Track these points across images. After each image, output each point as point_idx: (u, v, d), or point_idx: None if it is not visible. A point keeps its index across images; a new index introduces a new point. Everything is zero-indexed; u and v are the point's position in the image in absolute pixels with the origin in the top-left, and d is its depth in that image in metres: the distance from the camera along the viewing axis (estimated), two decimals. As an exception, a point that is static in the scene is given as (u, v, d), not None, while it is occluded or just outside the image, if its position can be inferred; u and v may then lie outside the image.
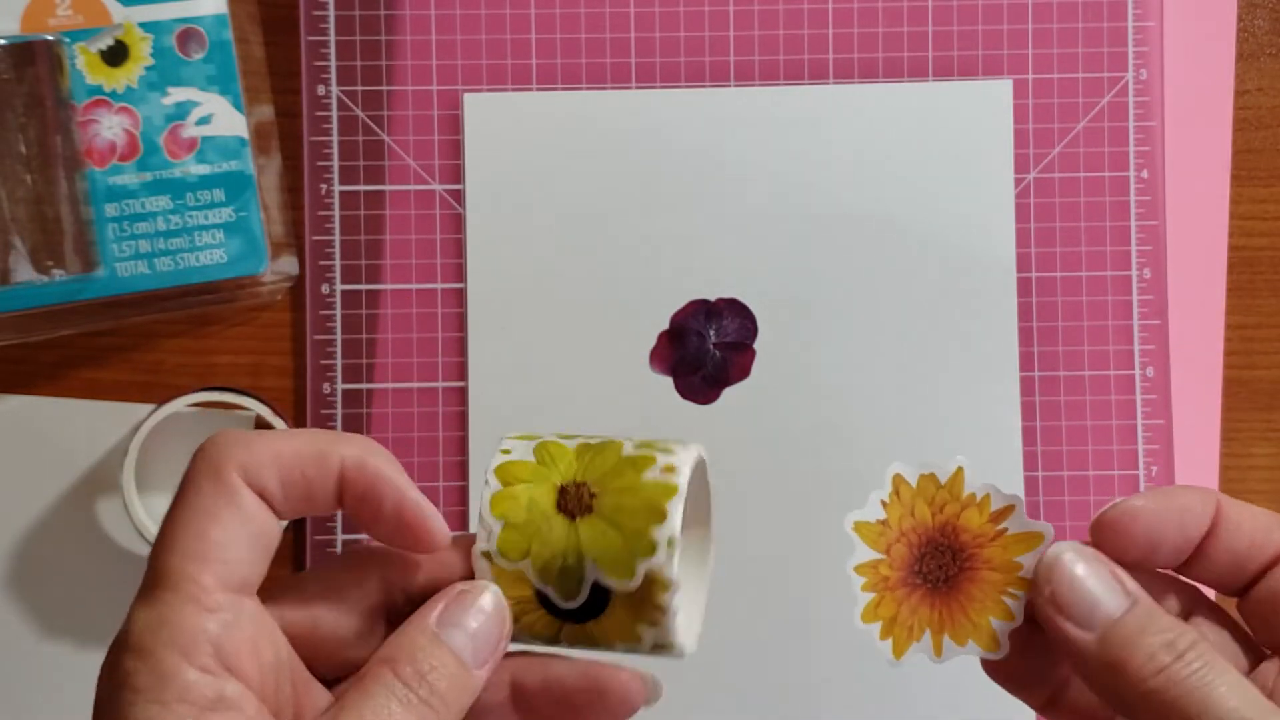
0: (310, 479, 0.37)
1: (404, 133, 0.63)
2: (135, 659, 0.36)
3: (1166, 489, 0.39)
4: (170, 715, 0.35)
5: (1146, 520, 0.39)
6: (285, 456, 0.37)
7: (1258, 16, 0.65)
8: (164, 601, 0.35)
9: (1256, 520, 0.39)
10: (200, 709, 0.34)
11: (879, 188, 0.64)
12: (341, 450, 0.38)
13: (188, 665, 0.35)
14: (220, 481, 0.37)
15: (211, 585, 0.36)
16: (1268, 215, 0.65)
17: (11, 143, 0.58)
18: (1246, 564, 0.39)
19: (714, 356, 0.63)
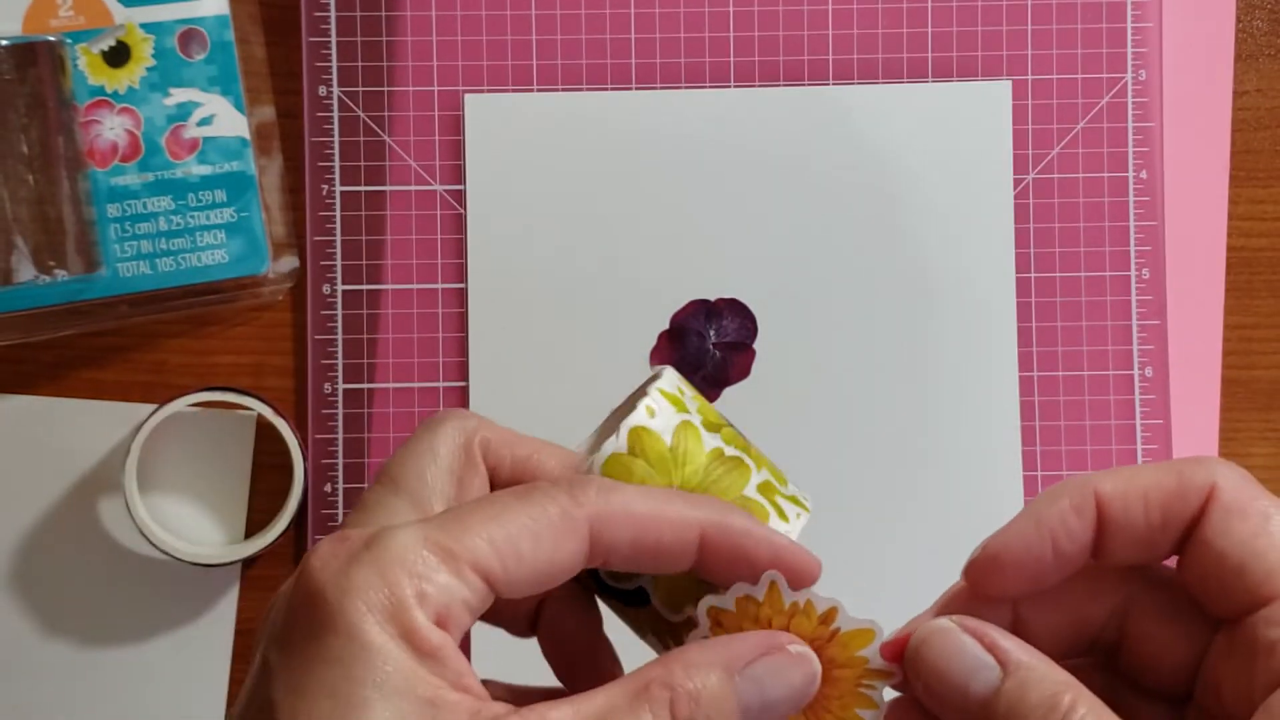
0: (664, 543, 0.36)
1: (405, 133, 0.63)
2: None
3: (1036, 505, 0.37)
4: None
5: (1015, 560, 0.37)
6: (641, 519, 0.36)
7: (1256, 17, 0.65)
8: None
9: (1149, 499, 0.36)
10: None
11: (879, 188, 0.64)
12: (698, 515, 0.36)
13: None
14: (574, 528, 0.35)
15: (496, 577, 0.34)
16: (1266, 216, 0.65)
17: (14, 143, 0.58)
18: (1152, 546, 0.36)
19: (714, 356, 0.63)
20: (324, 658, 0.32)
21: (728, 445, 0.39)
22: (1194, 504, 0.35)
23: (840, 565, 0.63)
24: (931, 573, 0.64)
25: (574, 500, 0.35)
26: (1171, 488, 0.35)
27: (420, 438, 0.38)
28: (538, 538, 0.34)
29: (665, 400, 0.39)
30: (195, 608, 0.63)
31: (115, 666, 0.62)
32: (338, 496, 0.62)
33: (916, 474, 0.63)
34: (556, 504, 0.35)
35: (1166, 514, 0.36)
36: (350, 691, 0.32)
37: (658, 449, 0.38)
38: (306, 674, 0.32)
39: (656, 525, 0.36)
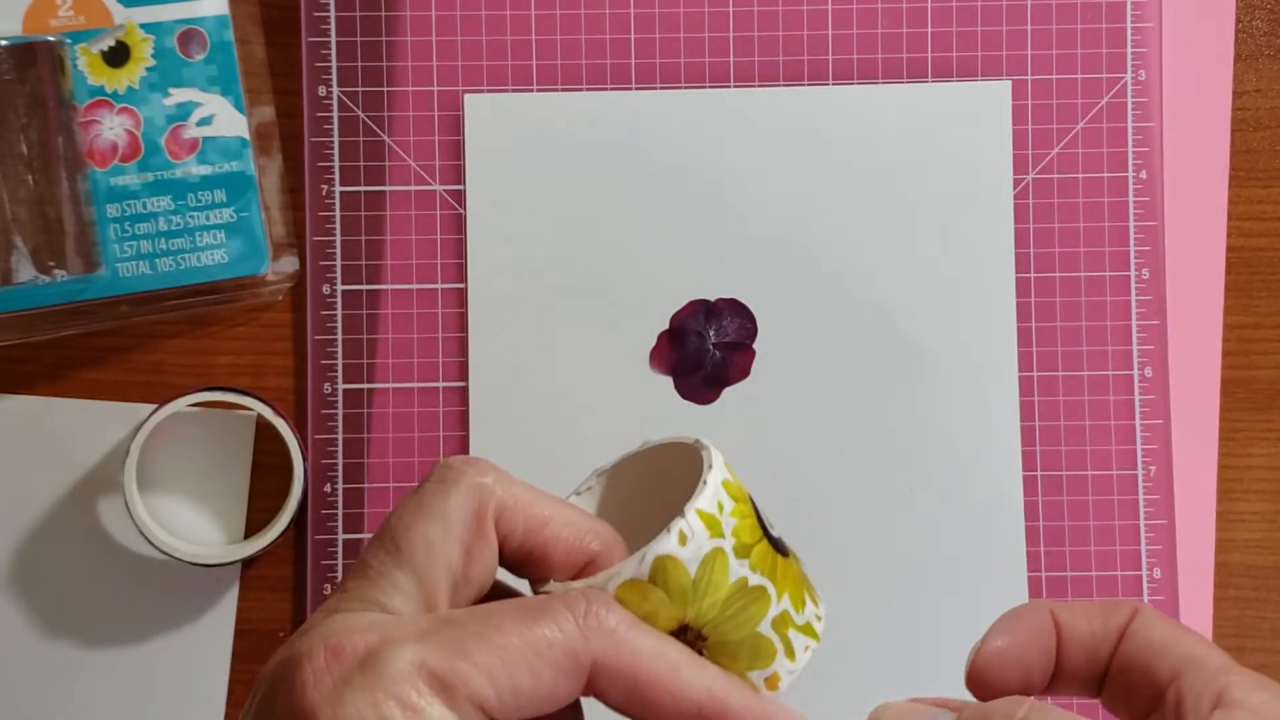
0: (660, 709, 0.36)
1: (405, 133, 0.63)
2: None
3: (1008, 617, 0.40)
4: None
5: (1014, 654, 0.39)
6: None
7: (1256, 18, 0.65)
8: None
9: (1090, 614, 0.39)
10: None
11: (878, 188, 0.64)
12: (700, 695, 0.36)
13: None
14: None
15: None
16: (1266, 216, 0.65)
17: (13, 143, 0.58)
18: (1098, 647, 0.39)
19: (714, 356, 0.63)
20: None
21: (754, 572, 0.38)
22: (1124, 614, 0.39)
23: (840, 565, 0.64)
24: (930, 573, 0.64)
25: (582, 636, 0.34)
26: (1105, 604, 0.39)
27: (431, 500, 0.37)
28: (538, 673, 0.34)
29: (701, 524, 0.37)
30: (195, 608, 0.63)
31: (115, 666, 0.62)
32: (337, 497, 0.62)
33: (916, 474, 0.63)
34: (563, 637, 0.34)
35: (1105, 623, 0.39)
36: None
37: (680, 581, 0.37)
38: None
39: (656, 689, 0.35)
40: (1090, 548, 0.63)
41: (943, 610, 0.63)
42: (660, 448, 0.41)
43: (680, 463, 0.40)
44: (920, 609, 0.63)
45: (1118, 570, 0.63)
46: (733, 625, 0.37)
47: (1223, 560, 0.64)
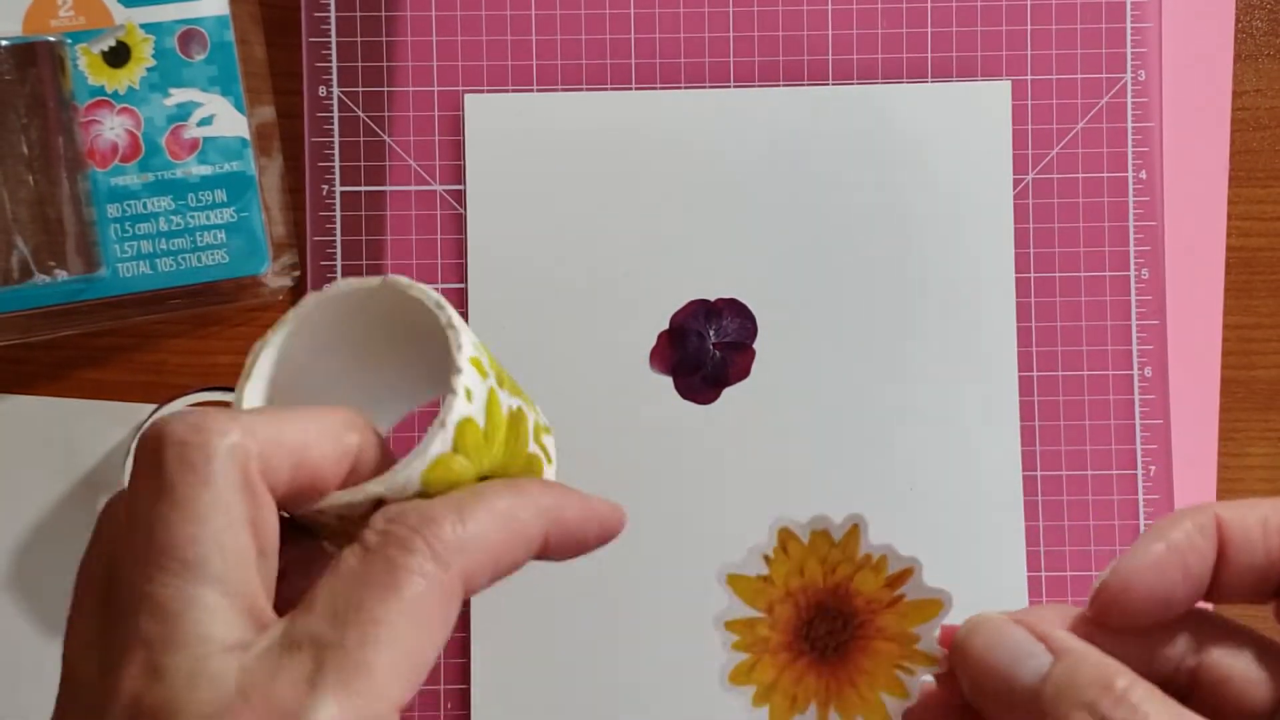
0: (519, 563, 0.34)
1: (405, 133, 0.63)
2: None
3: (1159, 528, 0.35)
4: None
5: (1148, 584, 0.35)
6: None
7: (1256, 18, 0.65)
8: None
9: (1268, 524, 0.35)
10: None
11: (878, 188, 0.64)
12: (540, 526, 0.34)
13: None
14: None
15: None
16: (1265, 216, 0.65)
17: (14, 144, 0.58)
18: (1269, 574, 0.35)
19: (714, 356, 0.63)
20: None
21: (512, 397, 0.36)
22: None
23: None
24: (930, 573, 0.64)
25: (444, 569, 0.31)
26: (1276, 529, 0.35)
27: (192, 489, 0.30)
28: (435, 637, 0.31)
29: (474, 371, 0.34)
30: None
31: (115, 666, 0.62)
32: (338, 496, 0.62)
33: (916, 473, 0.63)
34: (434, 587, 0.31)
35: (1271, 556, 0.35)
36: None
37: (474, 438, 0.34)
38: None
39: (513, 552, 0.33)
40: (1090, 548, 0.63)
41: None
42: (344, 296, 0.36)
43: (371, 308, 0.36)
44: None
45: (1117, 570, 0.63)
46: (514, 458, 0.35)
47: (1222, 560, 0.64)
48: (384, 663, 0.30)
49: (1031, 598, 0.63)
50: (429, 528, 0.31)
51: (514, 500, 0.33)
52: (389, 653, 0.30)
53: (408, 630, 0.30)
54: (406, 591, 0.30)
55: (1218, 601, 0.36)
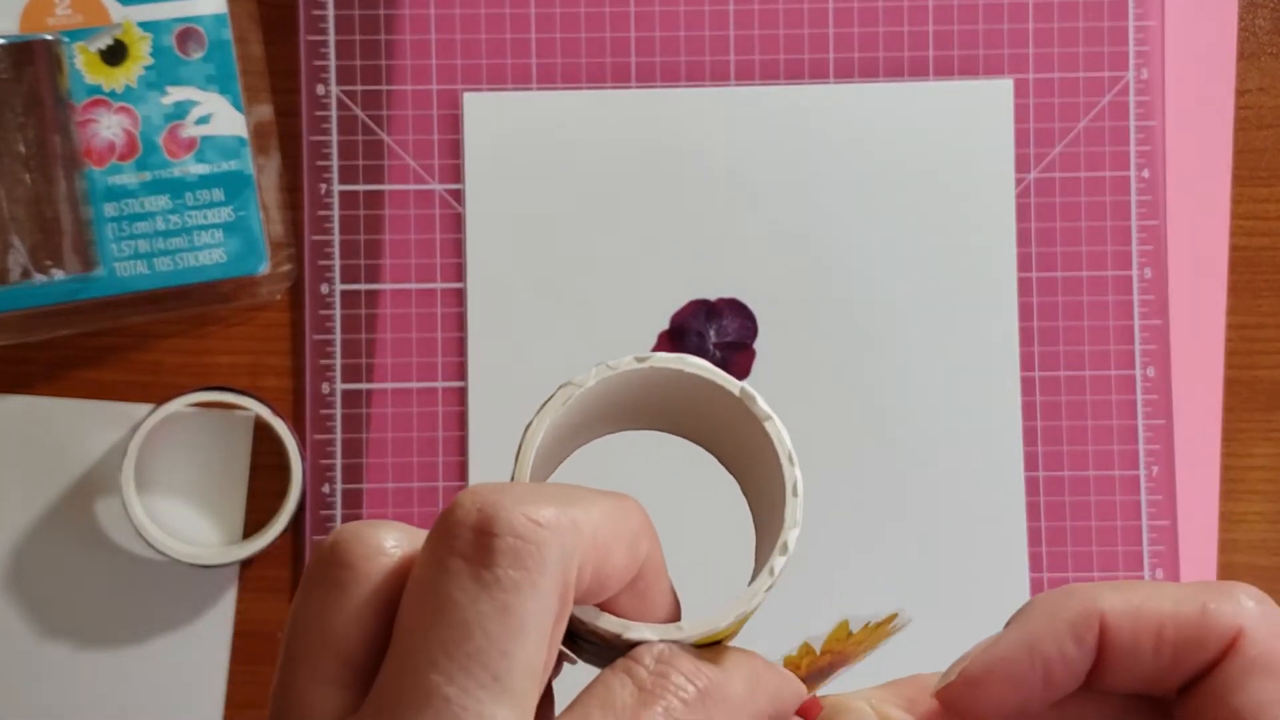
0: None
1: (403, 132, 0.63)
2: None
3: (1029, 620, 0.32)
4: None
5: (998, 692, 0.31)
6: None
7: (1259, 16, 0.65)
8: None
9: (1163, 635, 0.30)
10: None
11: (879, 187, 0.63)
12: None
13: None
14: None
15: None
16: (1269, 215, 0.65)
17: (10, 142, 0.58)
18: (1156, 683, 0.31)
19: (714, 356, 0.63)
20: None
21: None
22: (1214, 648, 0.30)
23: (839, 566, 0.63)
24: (931, 573, 0.64)
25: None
26: (1191, 623, 0.30)
27: (520, 598, 0.27)
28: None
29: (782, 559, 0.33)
30: (193, 608, 0.62)
31: (112, 667, 0.62)
32: (335, 497, 0.62)
33: (917, 474, 0.63)
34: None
35: (1180, 653, 0.31)
36: None
37: (742, 623, 0.33)
38: None
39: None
40: (1092, 549, 0.63)
41: (943, 611, 0.63)
42: (663, 372, 0.34)
43: (683, 390, 0.35)
44: (920, 610, 0.63)
45: (1120, 571, 0.63)
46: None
47: (1225, 561, 0.64)
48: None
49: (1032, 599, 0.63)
50: (700, 678, 0.30)
51: (759, 674, 0.32)
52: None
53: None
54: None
55: (1093, 691, 0.32)
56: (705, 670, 0.30)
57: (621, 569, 0.30)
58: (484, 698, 0.26)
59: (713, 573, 0.42)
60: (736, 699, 0.30)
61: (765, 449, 0.33)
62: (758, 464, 0.33)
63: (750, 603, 0.31)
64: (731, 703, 0.30)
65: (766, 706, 0.32)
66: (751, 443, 0.34)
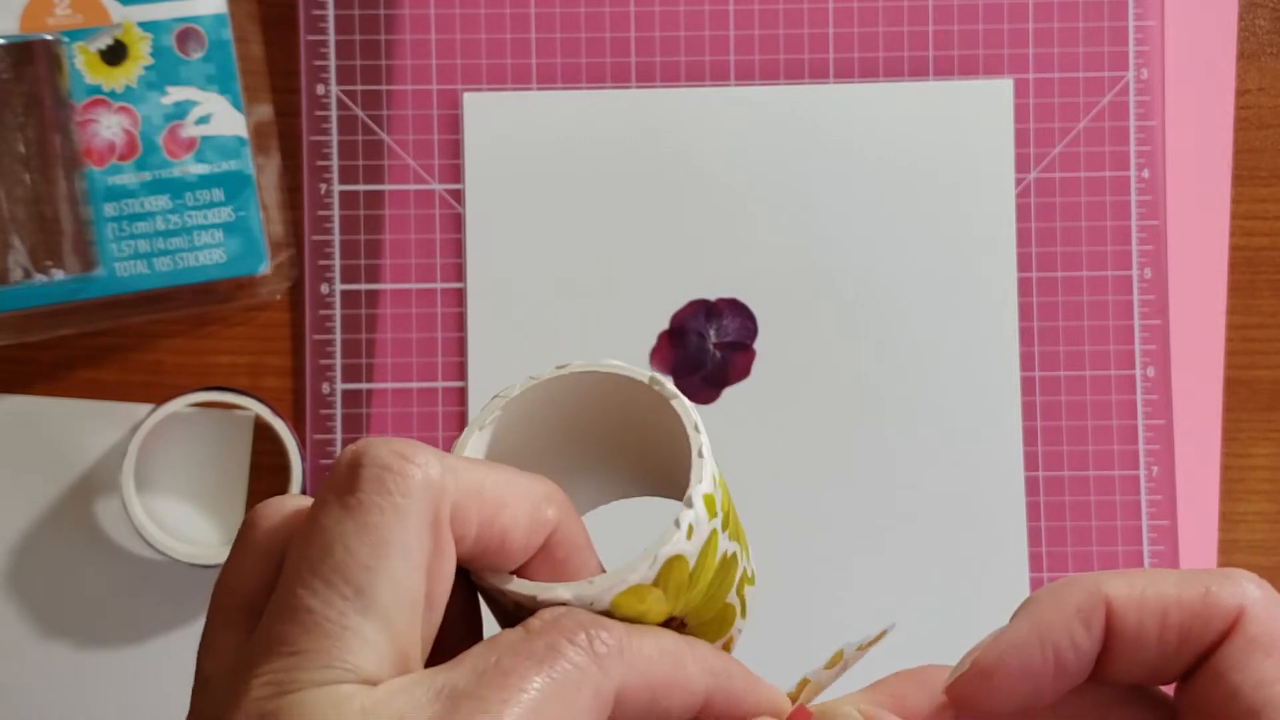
0: (672, 712, 0.32)
1: (403, 132, 0.63)
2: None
3: (1038, 608, 0.32)
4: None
5: (1010, 680, 0.31)
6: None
7: (1259, 16, 0.65)
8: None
9: (1167, 619, 0.31)
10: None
11: (879, 187, 0.63)
12: (706, 683, 0.32)
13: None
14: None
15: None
16: (1269, 215, 0.65)
17: (10, 142, 0.58)
18: (1163, 668, 0.32)
19: (714, 356, 0.63)
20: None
21: (731, 541, 0.35)
22: (1216, 629, 0.31)
23: (839, 566, 0.63)
24: (931, 573, 0.64)
25: (602, 668, 0.30)
26: (1194, 606, 0.31)
27: (384, 521, 0.29)
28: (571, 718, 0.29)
29: (704, 509, 0.33)
30: (192, 608, 0.62)
31: (112, 667, 0.62)
32: (336, 497, 0.62)
33: (917, 475, 0.63)
34: (587, 677, 0.29)
35: (1184, 636, 0.31)
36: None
37: (680, 577, 0.33)
38: None
39: (669, 693, 0.31)
40: (1092, 549, 0.63)
41: (943, 612, 0.63)
42: (597, 375, 0.35)
43: (618, 395, 0.36)
44: (920, 610, 0.63)
45: (1120, 571, 0.63)
46: (711, 604, 0.35)
47: (1225, 561, 0.64)
48: (508, 713, 0.28)
49: (1033, 599, 0.63)
50: (596, 628, 0.30)
51: (683, 646, 0.32)
52: (529, 717, 0.28)
53: (551, 706, 0.29)
54: (559, 672, 0.29)
55: (1096, 681, 0.32)
56: (607, 624, 0.30)
57: (521, 528, 0.31)
58: (347, 609, 0.28)
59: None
60: (642, 655, 0.31)
61: (676, 429, 0.34)
62: (676, 453, 0.34)
63: (659, 548, 0.32)
64: (634, 657, 0.30)
65: (697, 677, 0.32)
66: (668, 432, 0.34)
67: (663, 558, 0.32)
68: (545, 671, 0.29)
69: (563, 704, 0.29)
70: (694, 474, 0.33)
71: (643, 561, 0.32)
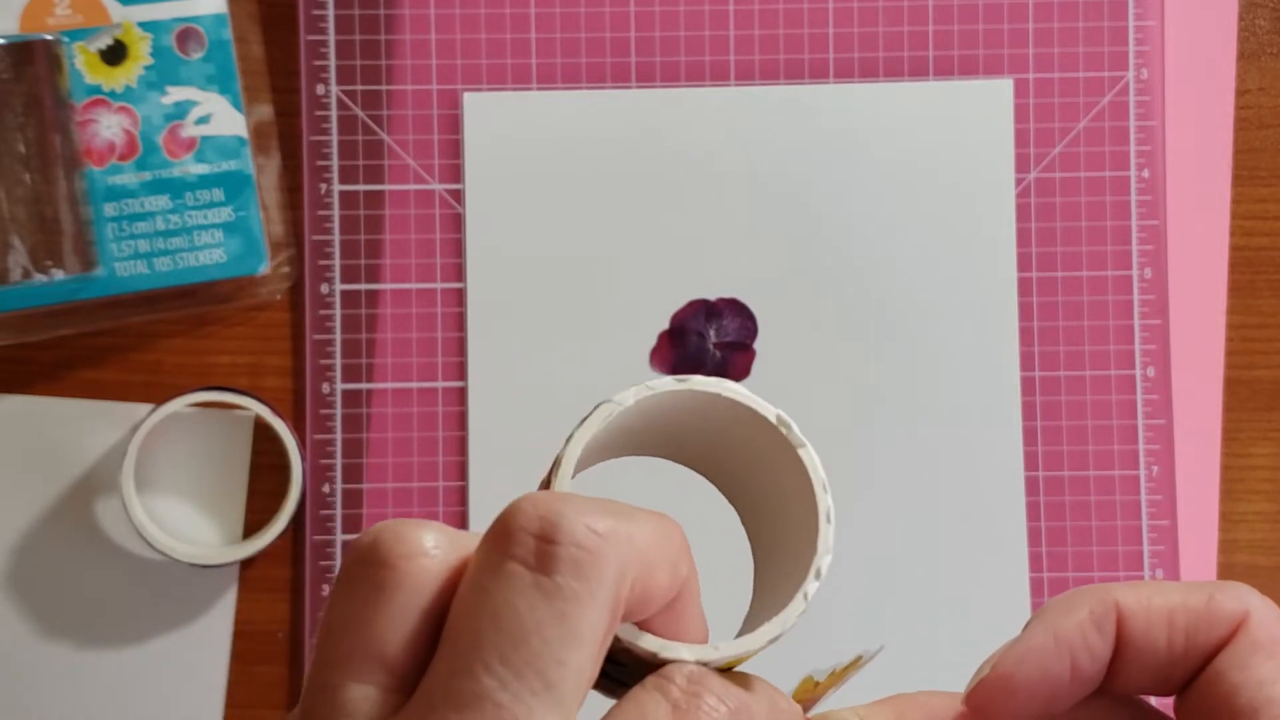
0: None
1: (403, 132, 0.63)
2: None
3: (1050, 615, 0.32)
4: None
5: (1030, 686, 0.32)
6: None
7: (1259, 15, 0.65)
8: None
9: (1174, 622, 0.31)
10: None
11: (879, 187, 0.63)
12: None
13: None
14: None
15: None
16: (1269, 215, 0.65)
17: (10, 142, 0.58)
18: (1171, 672, 0.32)
19: (714, 356, 0.63)
20: None
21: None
22: (1220, 633, 0.31)
23: (839, 566, 0.63)
24: (931, 574, 0.64)
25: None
26: (1199, 611, 0.31)
27: (579, 607, 0.27)
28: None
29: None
30: (193, 608, 0.62)
31: (112, 667, 0.62)
32: (335, 497, 0.62)
33: (917, 475, 0.63)
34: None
35: (1190, 640, 0.32)
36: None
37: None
38: None
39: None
40: (1092, 548, 0.63)
41: (943, 612, 0.63)
42: (699, 395, 0.35)
43: (719, 413, 0.35)
44: (921, 610, 0.63)
45: (1120, 571, 0.63)
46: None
47: (1226, 561, 0.64)
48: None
49: (1034, 599, 0.63)
50: (742, 717, 0.30)
51: (789, 705, 0.32)
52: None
53: None
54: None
55: (1106, 692, 0.33)
56: (734, 692, 0.30)
57: (664, 588, 0.30)
58: (535, 705, 0.26)
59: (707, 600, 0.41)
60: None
61: (792, 475, 0.34)
62: (775, 491, 0.34)
63: (782, 626, 0.32)
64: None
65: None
66: (775, 469, 0.34)
67: (778, 635, 0.32)
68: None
69: None
70: (820, 542, 0.32)
71: (765, 635, 0.32)
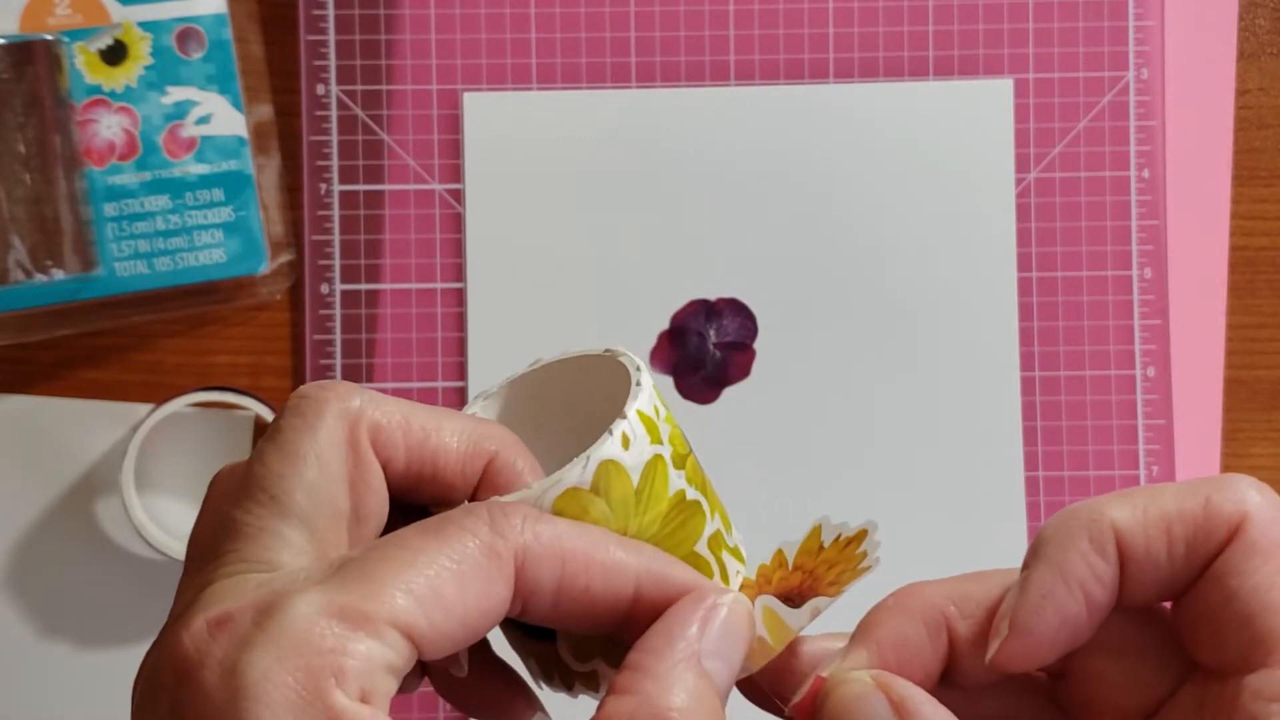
0: (594, 591, 0.32)
1: (403, 132, 0.63)
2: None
3: (1053, 551, 0.32)
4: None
5: (1051, 631, 0.31)
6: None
7: (1259, 16, 0.65)
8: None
9: (1172, 533, 0.31)
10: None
11: (879, 187, 0.63)
12: (637, 564, 0.32)
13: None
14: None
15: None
16: (1269, 215, 0.65)
17: (10, 142, 0.58)
18: (1174, 582, 0.32)
19: (714, 356, 0.63)
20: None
21: (690, 485, 0.35)
22: (1219, 538, 0.31)
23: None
24: (932, 573, 0.63)
25: (497, 532, 0.30)
26: (1196, 517, 0.31)
27: (296, 438, 0.32)
28: (463, 581, 0.29)
29: (642, 427, 0.33)
30: (193, 608, 0.62)
31: (112, 667, 0.62)
32: (336, 497, 0.62)
33: (917, 475, 0.63)
34: (479, 539, 0.30)
35: (1191, 549, 0.31)
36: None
37: (623, 490, 0.33)
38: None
39: (588, 568, 0.31)
40: (1092, 548, 0.63)
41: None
42: (566, 363, 0.37)
43: (590, 378, 0.37)
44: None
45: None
46: (671, 542, 0.34)
47: (1225, 561, 0.64)
48: (392, 577, 0.29)
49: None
50: (500, 507, 0.31)
51: (612, 535, 0.32)
52: (404, 572, 0.29)
53: (434, 565, 0.29)
54: (447, 537, 0.30)
55: (1116, 608, 0.33)
56: (516, 506, 0.31)
57: (454, 454, 0.33)
58: (264, 514, 0.31)
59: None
60: (551, 530, 0.31)
61: (625, 381, 0.35)
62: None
63: (592, 452, 0.32)
64: (540, 529, 0.31)
65: (624, 559, 0.32)
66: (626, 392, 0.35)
67: (596, 460, 0.32)
68: (433, 536, 0.30)
69: (452, 565, 0.29)
70: (630, 397, 0.34)
71: (577, 463, 0.32)
